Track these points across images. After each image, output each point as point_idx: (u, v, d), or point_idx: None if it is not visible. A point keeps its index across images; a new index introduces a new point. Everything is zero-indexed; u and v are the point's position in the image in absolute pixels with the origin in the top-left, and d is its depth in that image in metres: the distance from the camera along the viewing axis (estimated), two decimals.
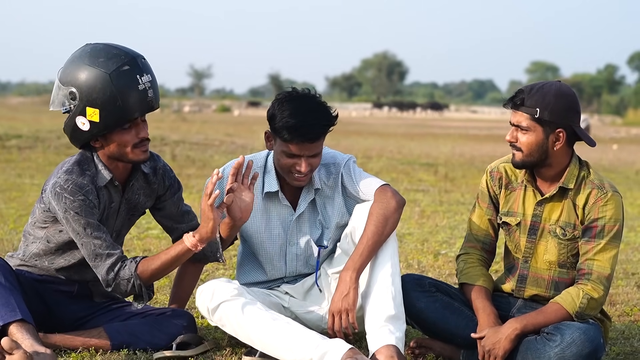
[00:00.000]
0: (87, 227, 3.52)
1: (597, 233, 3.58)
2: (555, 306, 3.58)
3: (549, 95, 3.54)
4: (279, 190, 3.86)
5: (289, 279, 3.97)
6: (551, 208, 3.68)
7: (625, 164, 17.93)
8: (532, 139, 3.57)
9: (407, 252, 6.63)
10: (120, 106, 3.48)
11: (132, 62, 3.52)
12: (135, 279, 3.52)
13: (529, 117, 3.56)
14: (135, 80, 3.51)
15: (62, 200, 3.52)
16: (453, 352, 3.77)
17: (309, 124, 3.64)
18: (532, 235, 3.71)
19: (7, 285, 3.47)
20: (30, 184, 11.07)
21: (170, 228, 3.93)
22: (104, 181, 3.63)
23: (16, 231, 7.09)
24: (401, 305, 3.64)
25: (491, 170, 3.84)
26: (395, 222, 3.72)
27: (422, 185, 12.34)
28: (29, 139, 17.29)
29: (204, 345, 3.78)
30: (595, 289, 3.55)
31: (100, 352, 3.69)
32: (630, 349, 4.04)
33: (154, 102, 3.58)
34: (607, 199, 3.58)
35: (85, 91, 3.49)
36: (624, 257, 6.71)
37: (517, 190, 3.76)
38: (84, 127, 3.53)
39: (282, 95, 3.75)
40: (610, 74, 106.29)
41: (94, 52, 3.53)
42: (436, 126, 40.41)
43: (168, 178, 3.84)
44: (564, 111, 3.55)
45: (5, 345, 3.14)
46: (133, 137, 3.59)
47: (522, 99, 3.57)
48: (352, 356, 3.37)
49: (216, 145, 18.76)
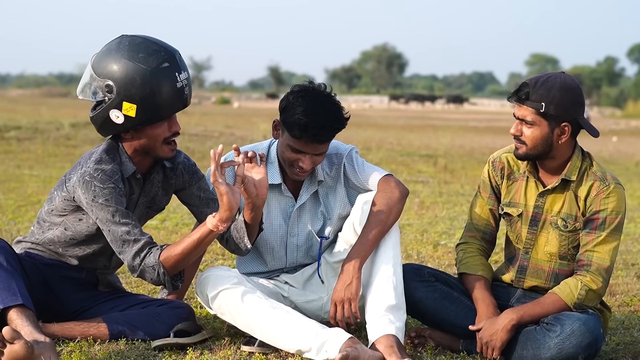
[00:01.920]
0: (115, 214, 3.50)
1: (599, 225, 3.56)
2: (553, 297, 3.57)
3: (554, 89, 3.51)
4: (282, 182, 3.84)
5: (288, 268, 3.96)
6: (553, 200, 3.66)
7: (625, 156, 17.92)
8: (537, 133, 3.55)
9: (407, 243, 6.62)
10: (158, 103, 3.48)
11: (171, 59, 3.52)
12: (159, 266, 3.48)
13: (534, 112, 3.53)
14: (174, 78, 3.51)
15: (92, 188, 3.51)
16: (452, 341, 3.76)
17: (320, 126, 3.61)
18: (533, 226, 3.70)
19: (9, 269, 3.44)
20: (29, 175, 11.07)
21: (196, 213, 3.87)
22: (128, 173, 3.62)
23: (15, 222, 7.09)
24: (402, 296, 3.64)
25: (493, 160, 3.82)
26: (398, 212, 3.71)
27: (422, 177, 12.34)
28: (28, 131, 17.27)
29: (202, 333, 3.77)
30: (594, 281, 3.54)
31: (99, 342, 3.68)
32: (630, 339, 4.03)
33: (188, 99, 3.60)
34: (610, 191, 3.56)
35: (124, 86, 3.47)
36: (623, 248, 6.71)
37: (519, 181, 3.74)
38: (117, 120, 3.52)
39: (298, 88, 3.71)
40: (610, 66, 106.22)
41: (133, 47, 3.51)
42: (436, 118, 40.38)
43: (188, 172, 3.81)
44: (569, 105, 3.53)
45: (7, 335, 3.12)
46: (165, 130, 3.58)
47: (527, 92, 3.54)
48: (351, 345, 3.36)
49: (215, 136, 18.74)
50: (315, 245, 3.92)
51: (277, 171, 3.84)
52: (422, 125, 30.96)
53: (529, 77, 3.61)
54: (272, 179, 3.83)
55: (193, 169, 3.84)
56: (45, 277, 3.73)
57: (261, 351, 3.60)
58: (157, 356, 3.56)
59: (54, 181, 10.30)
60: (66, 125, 18.65)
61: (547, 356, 3.46)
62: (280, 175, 3.84)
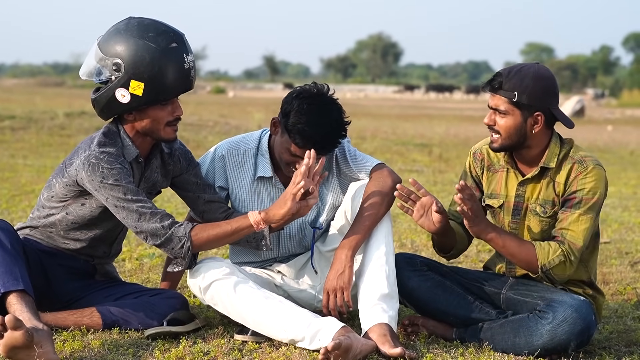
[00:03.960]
0: (127, 192, 3.51)
1: (575, 204, 3.55)
2: (529, 249, 3.54)
3: (527, 78, 3.51)
4: (274, 175, 3.84)
5: (281, 258, 3.96)
6: (533, 188, 3.66)
7: (619, 145, 17.93)
8: (510, 123, 3.55)
9: (401, 232, 6.63)
10: (165, 83, 3.50)
11: (180, 40, 3.54)
12: (187, 240, 3.50)
13: (507, 101, 3.53)
14: (182, 58, 3.53)
15: (99, 169, 3.51)
16: (445, 330, 3.76)
17: (324, 140, 3.62)
18: (516, 215, 3.70)
19: (13, 253, 3.44)
20: (24, 165, 11.05)
21: (192, 199, 3.86)
22: (131, 157, 3.63)
23: (9, 211, 7.08)
24: (395, 284, 3.64)
25: (474, 152, 3.82)
26: (391, 201, 3.71)
27: (416, 166, 12.34)
28: (23, 120, 17.22)
29: (195, 322, 3.77)
30: (569, 254, 3.53)
31: (92, 331, 3.68)
32: (623, 327, 4.04)
33: (193, 82, 3.62)
34: (587, 172, 3.55)
35: (132, 64, 3.48)
36: (617, 237, 6.72)
37: (500, 172, 3.74)
38: (123, 100, 3.53)
39: (303, 93, 3.68)
40: (605, 55, 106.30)
41: (142, 26, 3.53)
42: (431, 107, 40.36)
43: (185, 159, 3.83)
44: (542, 94, 3.52)
45: (9, 323, 3.12)
46: (169, 114, 3.60)
47: (500, 82, 3.54)
48: (344, 334, 3.36)
49: (210, 126, 18.70)
50: (308, 235, 3.91)
51: (269, 163, 3.83)
52: (417, 115, 30.95)
53: (506, 69, 3.61)
54: (264, 171, 3.82)
55: (189, 155, 3.86)
56: (43, 263, 3.72)
57: (254, 340, 3.60)
58: (151, 345, 3.56)
59: (49, 171, 10.28)
60: (60, 114, 18.59)
61: (539, 343, 3.46)
62: (271, 167, 3.83)
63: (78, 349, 3.46)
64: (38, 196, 3.83)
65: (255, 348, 3.54)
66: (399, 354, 3.39)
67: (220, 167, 3.86)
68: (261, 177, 3.83)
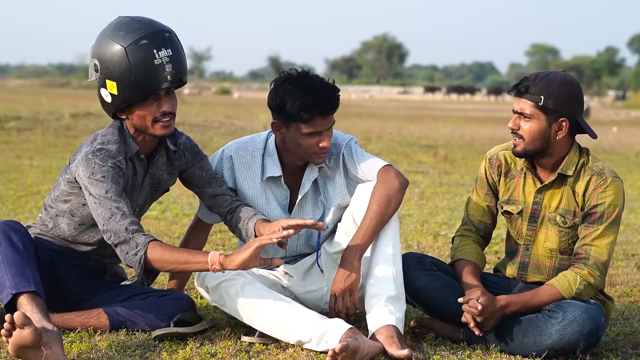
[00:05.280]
0: (109, 190, 3.49)
1: (596, 219, 3.57)
2: (551, 290, 3.57)
3: (553, 83, 3.53)
4: (282, 176, 3.84)
5: (288, 258, 3.96)
6: (551, 195, 3.66)
7: (625, 146, 17.91)
8: (535, 127, 3.55)
9: (407, 233, 6.63)
10: (135, 80, 3.48)
11: (151, 37, 3.49)
12: (143, 249, 3.42)
13: (533, 105, 3.54)
14: (151, 54, 3.48)
15: (91, 164, 3.51)
16: (453, 331, 3.76)
17: (326, 97, 3.63)
18: (532, 223, 3.71)
19: (25, 254, 3.45)
20: (29, 165, 11.06)
21: (199, 194, 3.87)
22: (132, 152, 3.63)
23: (15, 212, 7.09)
24: (402, 286, 3.64)
25: (490, 157, 3.82)
26: (398, 202, 3.71)
27: (422, 167, 12.33)
28: (28, 121, 17.26)
29: (202, 323, 3.77)
30: (591, 275, 3.55)
31: (99, 332, 3.69)
32: (630, 330, 4.04)
33: (176, 76, 3.53)
34: (607, 185, 3.56)
35: (105, 64, 3.50)
36: (624, 239, 6.71)
37: (517, 178, 3.74)
38: (107, 99, 3.55)
39: (281, 79, 3.70)
40: (610, 57, 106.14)
41: (118, 25, 3.53)
42: (436, 108, 40.34)
43: (190, 153, 3.81)
44: (568, 100, 3.53)
45: (18, 320, 3.12)
46: (154, 110, 3.57)
47: (527, 86, 3.55)
48: (351, 336, 3.37)
49: (215, 127, 18.73)
50: (314, 235, 3.92)
51: (277, 163, 3.83)
52: (422, 116, 30.94)
53: (530, 72, 3.62)
54: (272, 171, 3.82)
55: (195, 149, 3.84)
56: (55, 263, 3.73)
57: (261, 342, 3.60)
58: (158, 346, 3.56)
59: (55, 171, 10.30)
60: (66, 115, 18.64)
61: (548, 343, 3.47)
62: (279, 167, 3.83)
63: (85, 350, 3.46)
64: (45, 197, 3.83)
65: (262, 349, 3.54)
66: (406, 356, 3.40)
67: (228, 167, 3.87)
68: (270, 178, 3.84)
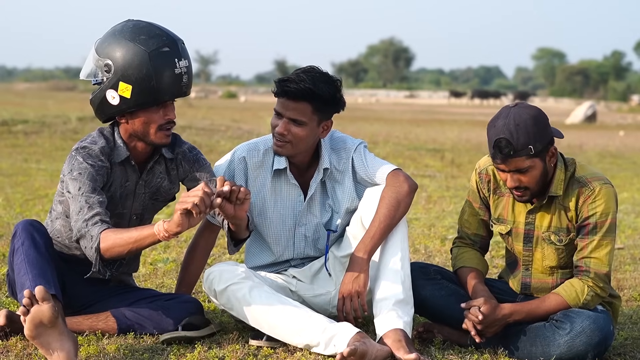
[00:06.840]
0: (82, 186, 3.49)
1: (590, 230, 3.54)
2: (558, 299, 3.56)
3: (528, 127, 3.43)
4: (287, 167, 3.84)
5: (296, 262, 3.96)
6: (542, 216, 3.64)
7: (632, 150, 17.88)
8: (536, 173, 3.50)
9: (414, 237, 6.62)
10: (154, 86, 3.48)
11: (172, 45, 3.52)
12: (96, 240, 3.39)
13: (526, 157, 3.46)
14: (173, 63, 3.51)
15: (72, 161, 3.53)
16: (460, 337, 3.75)
17: (294, 80, 3.66)
18: (527, 243, 3.69)
19: (47, 256, 3.47)
20: (37, 169, 11.09)
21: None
22: (120, 158, 3.62)
23: (23, 215, 7.10)
24: (410, 290, 3.64)
25: (480, 172, 3.79)
26: (407, 206, 3.71)
27: (429, 171, 12.33)
28: (36, 124, 17.27)
29: (210, 327, 3.77)
30: (597, 286, 3.54)
31: (107, 336, 3.69)
32: (638, 334, 4.03)
33: (187, 88, 3.58)
34: (595, 195, 3.53)
35: (122, 66, 3.49)
36: (631, 243, 6.70)
37: (506, 197, 3.71)
38: (113, 101, 3.54)
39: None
40: (616, 61, 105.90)
41: (136, 29, 3.53)
42: (442, 112, 40.32)
43: (187, 162, 3.78)
44: (545, 131, 3.48)
45: (39, 294, 3.14)
46: (160, 117, 3.58)
47: (510, 148, 3.43)
48: (359, 340, 3.37)
49: (222, 130, 18.72)
50: (322, 238, 3.92)
51: (284, 158, 3.83)
52: (429, 120, 30.92)
53: (496, 133, 3.46)
54: (279, 163, 3.84)
55: (194, 158, 3.80)
56: (61, 269, 3.73)
57: (269, 345, 3.60)
58: (166, 350, 3.57)
59: None
60: (73, 119, 18.64)
61: (556, 353, 3.46)
62: (286, 160, 3.84)
63: (94, 354, 3.47)
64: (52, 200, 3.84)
65: (270, 353, 3.54)
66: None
67: (240, 169, 3.86)
68: (277, 171, 3.85)
